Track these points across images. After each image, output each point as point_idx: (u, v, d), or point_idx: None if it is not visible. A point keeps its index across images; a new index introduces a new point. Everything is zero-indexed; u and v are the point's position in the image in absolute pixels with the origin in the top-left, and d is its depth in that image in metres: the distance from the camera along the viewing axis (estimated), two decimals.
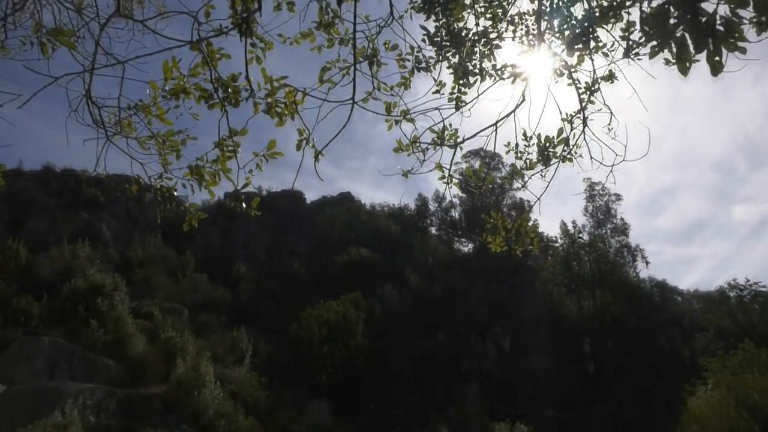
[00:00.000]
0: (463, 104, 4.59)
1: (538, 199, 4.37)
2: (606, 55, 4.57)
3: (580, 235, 38.67)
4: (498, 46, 4.89)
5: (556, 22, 4.18)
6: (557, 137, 4.23)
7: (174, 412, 19.29)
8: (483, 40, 4.82)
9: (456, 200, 52.19)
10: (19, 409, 17.16)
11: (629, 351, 33.13)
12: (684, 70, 2.43)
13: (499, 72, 4.81)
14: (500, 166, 42.72)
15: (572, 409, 28.57)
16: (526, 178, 4.31)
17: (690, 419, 20.03)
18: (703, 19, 2.33)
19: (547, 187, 4.30)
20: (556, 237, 44.10)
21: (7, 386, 17.79)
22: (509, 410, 23.29)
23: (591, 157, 3.95)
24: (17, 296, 22.01)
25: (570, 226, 40.19)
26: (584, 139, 3.96)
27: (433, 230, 52.31)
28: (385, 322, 32.09)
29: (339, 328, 27.41)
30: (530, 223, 4.83)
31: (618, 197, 43.65)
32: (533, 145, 4.34)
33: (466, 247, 50.00)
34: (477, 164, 46.01)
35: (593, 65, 4.48)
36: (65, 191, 33.11)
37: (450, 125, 4.29)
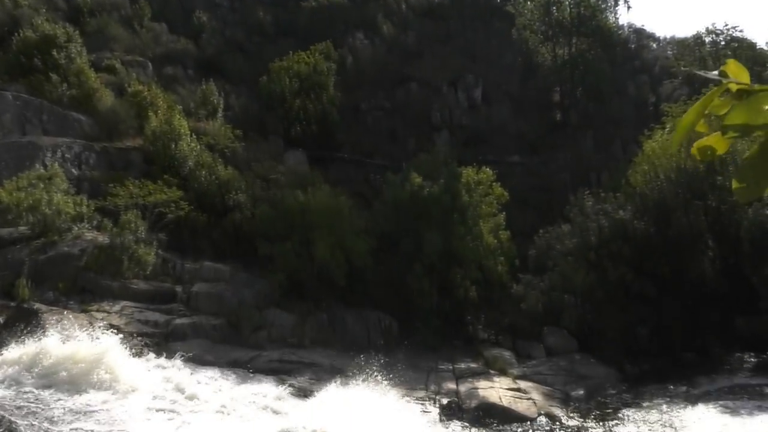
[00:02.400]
0: None
1: None
2: None
3: None
4: None
5: None
6: None
7: (154, 164, 19.93)
8: None
9: None
10: None
11: (596, 99, 33.84)
12: None
13: None
14: None
15: (536, 155, 30.25)
16: None
17: (642, 160, 21.51)
18: None
19: None
20: None
21: None
22: (477, 157, 24.52)
23: None
24: None
25: None
26: None
27: None
28: (357, 73, 31.59)
29: (310, 81, 27.00)
30: None
31: None
32: None
33: None
34: None
35: None
36: None
37: None
